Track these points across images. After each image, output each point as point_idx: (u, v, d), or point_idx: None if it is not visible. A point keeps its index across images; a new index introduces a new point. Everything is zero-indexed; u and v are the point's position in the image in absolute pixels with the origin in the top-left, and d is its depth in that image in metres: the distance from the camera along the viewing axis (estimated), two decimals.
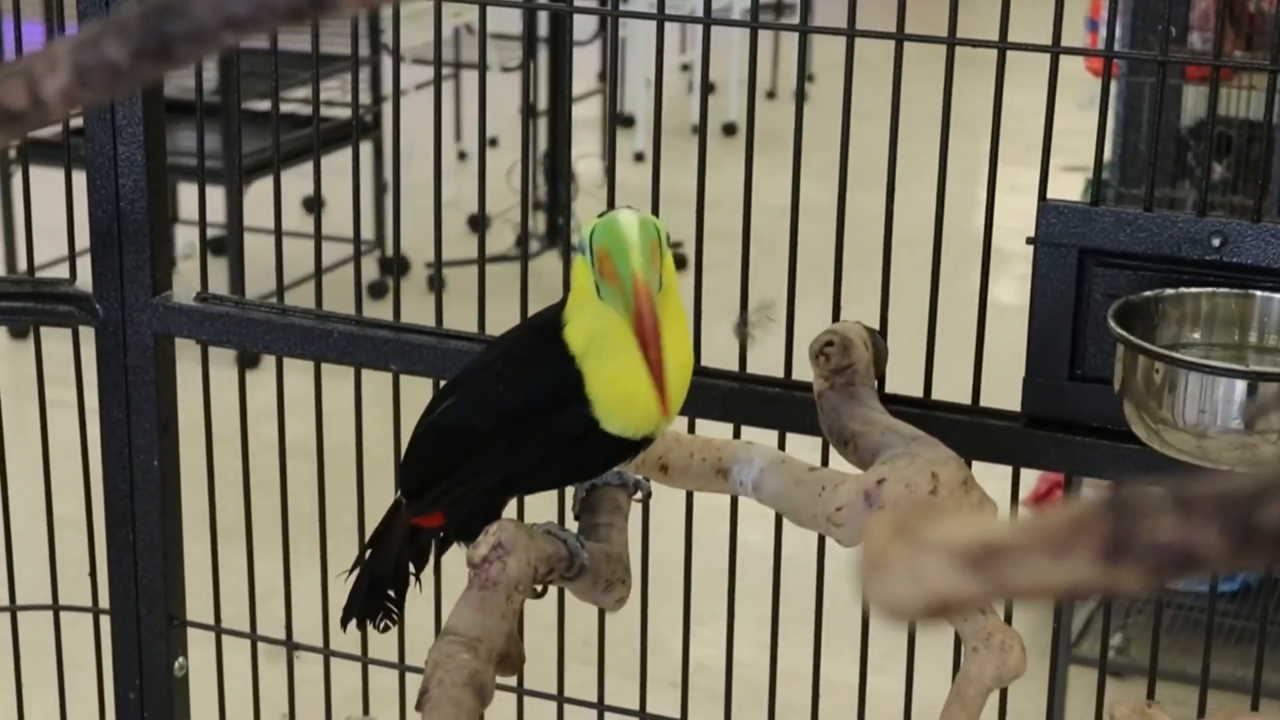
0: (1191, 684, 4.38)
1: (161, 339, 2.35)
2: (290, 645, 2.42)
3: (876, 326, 2.06)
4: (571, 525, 1.85)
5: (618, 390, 1.71)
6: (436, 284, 2.35)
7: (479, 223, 2.26)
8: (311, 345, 2.28)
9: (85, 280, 2.37)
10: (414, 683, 1.89)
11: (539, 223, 7.78)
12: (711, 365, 2.16)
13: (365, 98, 7.04)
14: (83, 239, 2.35)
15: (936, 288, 2.09)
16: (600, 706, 2.29)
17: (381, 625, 1.94)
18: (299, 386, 2.34)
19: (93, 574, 2.49)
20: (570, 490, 1.93)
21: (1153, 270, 1.96)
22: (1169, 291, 1.93)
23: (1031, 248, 2.00)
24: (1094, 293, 1.99)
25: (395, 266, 2.39)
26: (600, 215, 1.70)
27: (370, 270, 7.22)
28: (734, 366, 2.15)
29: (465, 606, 1.65)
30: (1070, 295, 1.99)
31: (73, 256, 2.39)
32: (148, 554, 2.42)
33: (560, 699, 2.33)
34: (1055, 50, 1.99)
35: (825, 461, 2.11)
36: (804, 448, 2.13)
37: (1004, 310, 2.13)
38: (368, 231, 7.23)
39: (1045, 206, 1.99)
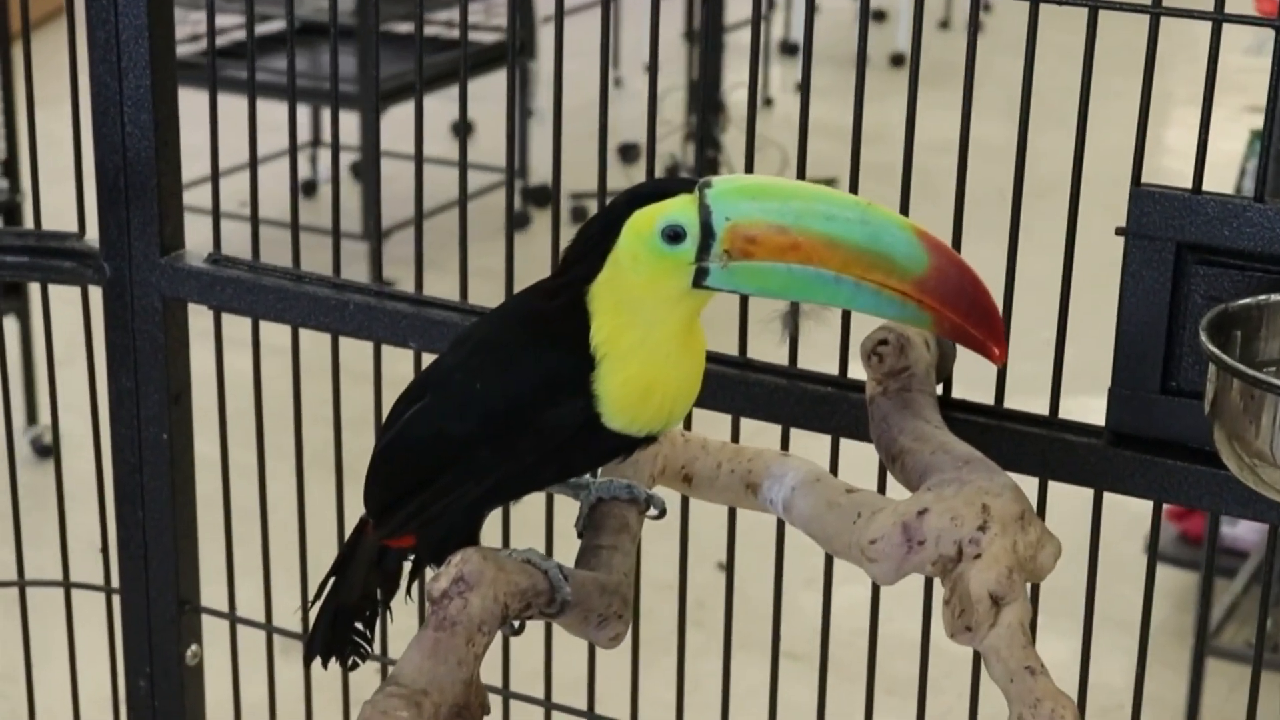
0: None
1: (171, 303, 2.15)
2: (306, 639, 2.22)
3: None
4: (561, 550, 1.62)
5: (636, 386, 1.48)
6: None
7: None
8: (327, 317, 2.07)
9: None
10: None
11: (688, 154, 7.54)
12: (758, 357, 1.92)
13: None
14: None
15: (1014, 262, 1.82)
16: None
17: (350, 663, 1.73)
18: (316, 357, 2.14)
19: (104, 550, 2.31)
20: (565, 502, 1.69)
21: (1262, 271, 1.68)
22: (1276, 297, 1.65)
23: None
24: (1193, 294, 1.71)
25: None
26: (647, 194, 1.46)
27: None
28: (783, 360, 1.91)
29: (416, 651, 1.43)
30: (1165, 297, 1.72)
31: (81, 209, 2.20)
32: (157, 533, 2.23)
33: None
34: (1218, 17, 1.69)
35: (884, 475, 1.86)
36: (861, 457, 1.89)
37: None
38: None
39: (1138, 193, 1.72)
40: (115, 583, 2.30)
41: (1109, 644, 1.82)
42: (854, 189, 1.89)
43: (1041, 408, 1.83)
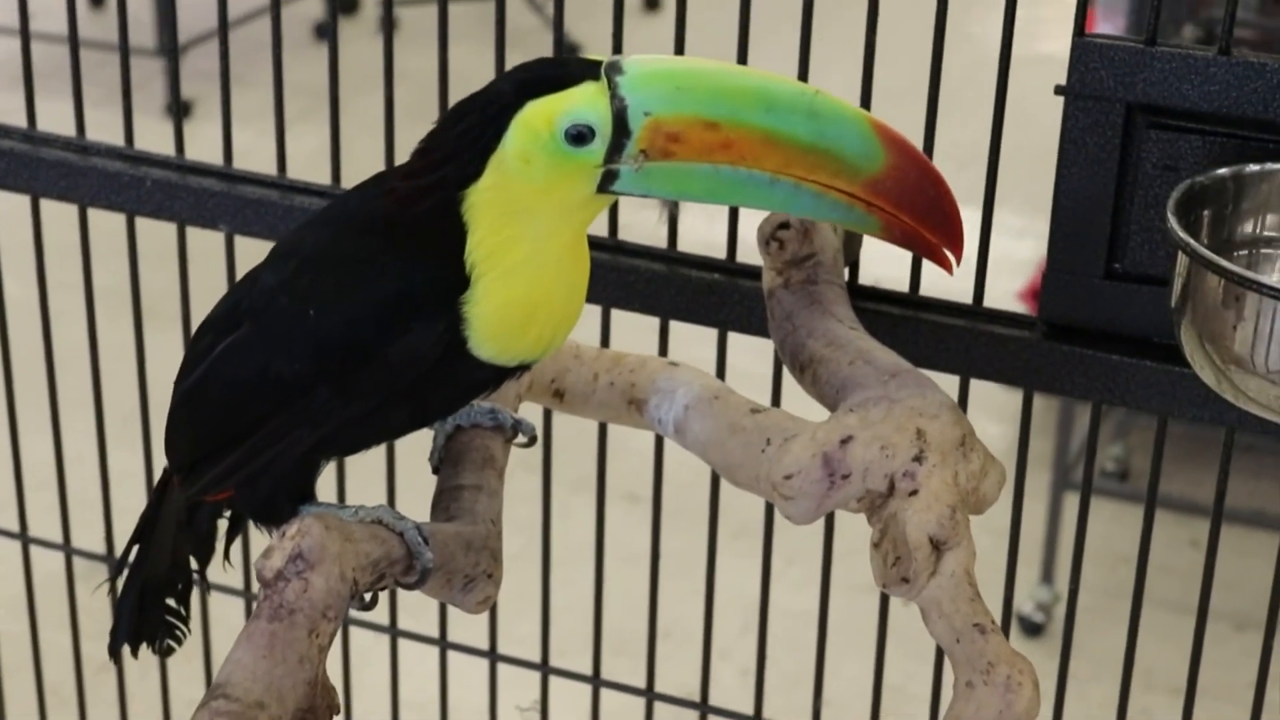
0: (1202, 515, 3.90)
1: None
2: (112, 561, 1.94)
3: None
4: (409, 499, 1.35)
5: (518, 310, 1.21)
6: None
7: None
8: (121, 195, 1.77)
9: None
10: None
11: None
12: (632, 240, 1.65)
13: None
14: None
15: (934, 122, 1.56)
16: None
17: (164, 647, 1.46)
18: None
19: None
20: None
21: (1226, 135, 1.44)
22: (1252, 168, 1.41)
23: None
24: (1145, 163, 1.47)
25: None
26: (539, 78, 1.19)
27: (316, 9, 6.61)
28: (661, 242, 1.64)
29: (248, 648, 1.16)
30: (1112, 165, 1.48)
31: None
32: None
33: None
34: None
35: (780, 377, 1.61)
36: (754, 354, 1.63)
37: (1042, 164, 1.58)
38: None
39: (1082, 44, 1.46)
40: None
41: None
42: None
43: (964, 295, 1.59)
